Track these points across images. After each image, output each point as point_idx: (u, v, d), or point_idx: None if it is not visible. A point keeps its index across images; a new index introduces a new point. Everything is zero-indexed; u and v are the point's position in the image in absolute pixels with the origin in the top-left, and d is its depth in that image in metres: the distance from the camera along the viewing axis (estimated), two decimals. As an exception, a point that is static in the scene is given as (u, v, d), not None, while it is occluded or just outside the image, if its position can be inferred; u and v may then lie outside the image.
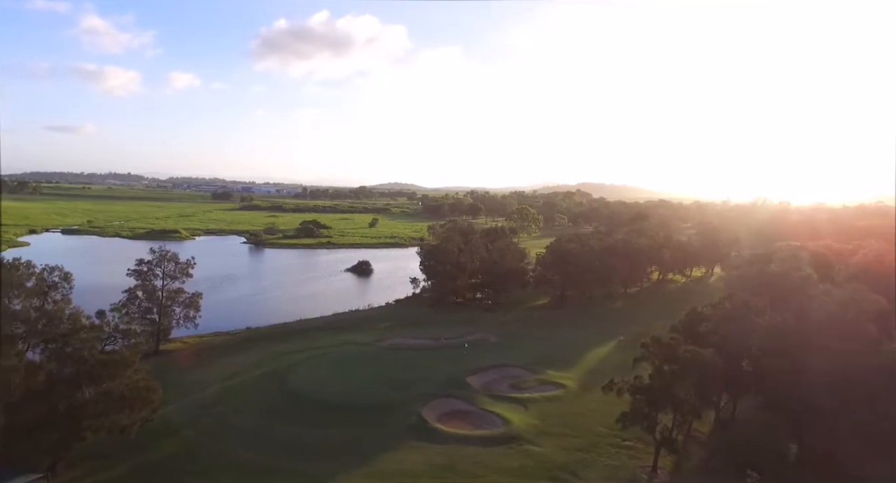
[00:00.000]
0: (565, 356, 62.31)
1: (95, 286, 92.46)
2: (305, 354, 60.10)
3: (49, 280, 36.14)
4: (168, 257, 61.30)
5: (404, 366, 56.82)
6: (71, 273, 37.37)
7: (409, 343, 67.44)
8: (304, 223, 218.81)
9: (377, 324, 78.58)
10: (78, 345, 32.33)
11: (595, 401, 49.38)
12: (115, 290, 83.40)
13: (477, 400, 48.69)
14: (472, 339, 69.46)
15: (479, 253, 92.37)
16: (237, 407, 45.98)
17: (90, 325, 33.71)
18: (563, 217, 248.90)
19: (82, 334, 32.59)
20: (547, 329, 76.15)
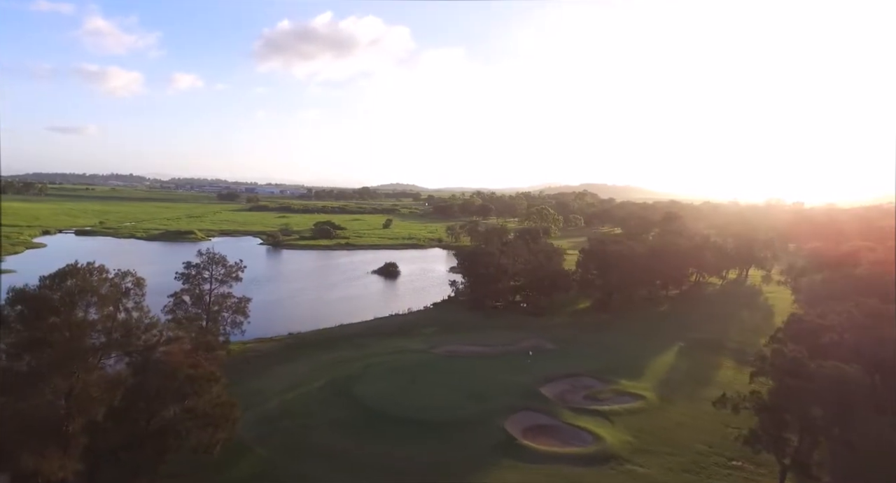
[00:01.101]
0: (630, 364, 59.35)
1: None
2: (362, 363, 57.15)
3: (122, 286, 33.11)
4: (216, 260, 58.38)
5: (470, 375, 53.88)
6: (144, 279, 34.43)
7: (465, 350, 64.52)
8: (319, 224, 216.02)
9: (422, 329, 75.70)
10: (163, 358, 29.40)
11: (680, 413, 46.57)
12: (152, 295, 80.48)
13: (557, 413, 45.77)
14: (529, 346, 66.55)
15: (522, 255, 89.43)
16: (305, 422, 43.04)
17: (175, 336, 30.82)
18: (578, 218, 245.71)
19: (167, 346, 29.66)
20: (600, 335, 73.19)
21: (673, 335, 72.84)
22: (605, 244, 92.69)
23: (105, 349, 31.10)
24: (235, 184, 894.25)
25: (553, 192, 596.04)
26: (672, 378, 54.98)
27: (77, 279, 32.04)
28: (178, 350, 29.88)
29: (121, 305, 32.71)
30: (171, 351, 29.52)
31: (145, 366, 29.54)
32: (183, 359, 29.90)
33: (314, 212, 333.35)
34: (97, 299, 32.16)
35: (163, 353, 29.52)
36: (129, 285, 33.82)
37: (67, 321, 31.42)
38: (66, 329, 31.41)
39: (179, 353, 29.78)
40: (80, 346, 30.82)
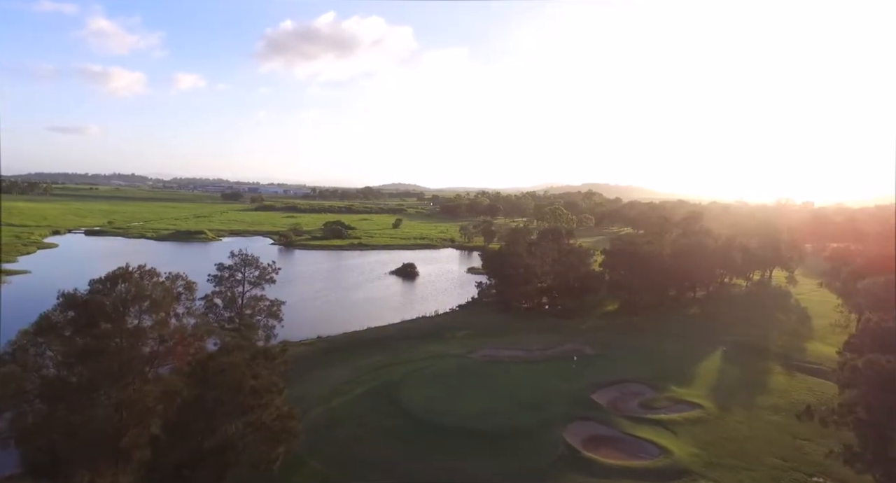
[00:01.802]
0: (677, 369, 57.34)
1: None
2: (401, 369, 55.25)
3: (174, 290, 31.22)
4: (249, 261, 56.49)
5: (516, 382, 51.96)
6: (195, 283, 32.54)
7: (504, 355, 62.60)
8: (329, 224, 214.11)
9: (454, 332, 73.76)
10: (226, 368, 27.48)
11: (743, 424, 44.52)
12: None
13: (615, 422, 43.81)
14: (568, 351, 64.59)
15: (551, 255, 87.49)
16: (356, 432, 41.11)
17: (235, 344, 28.89)
18: (589, 217, 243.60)
19: (229, 356, 27.74)
20: (637, 338, 71.16)
21: (711, 338, 70.84)
22: (635, 244, 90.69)
23: (161, 358, 29.19)
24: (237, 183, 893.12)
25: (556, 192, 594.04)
26: (724, 385, 52.94)
27: (129, 283, 30.06)
28: (241, 360, 27.96)
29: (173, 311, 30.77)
30: (234, 361, 27.61)
31: (206, 377, 27.61)
32: (245, 369, 27.97)
33: (321, 212, 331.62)
34: (149, 304, 30.24)
35: (225, 363, 27.59)
36: (179, 289, 31.91)
37: (121, 328, 29.52)
38: (120, 336, 29.52)
39: (242, 363, 27.87)
40: (135, 355, 28.94)
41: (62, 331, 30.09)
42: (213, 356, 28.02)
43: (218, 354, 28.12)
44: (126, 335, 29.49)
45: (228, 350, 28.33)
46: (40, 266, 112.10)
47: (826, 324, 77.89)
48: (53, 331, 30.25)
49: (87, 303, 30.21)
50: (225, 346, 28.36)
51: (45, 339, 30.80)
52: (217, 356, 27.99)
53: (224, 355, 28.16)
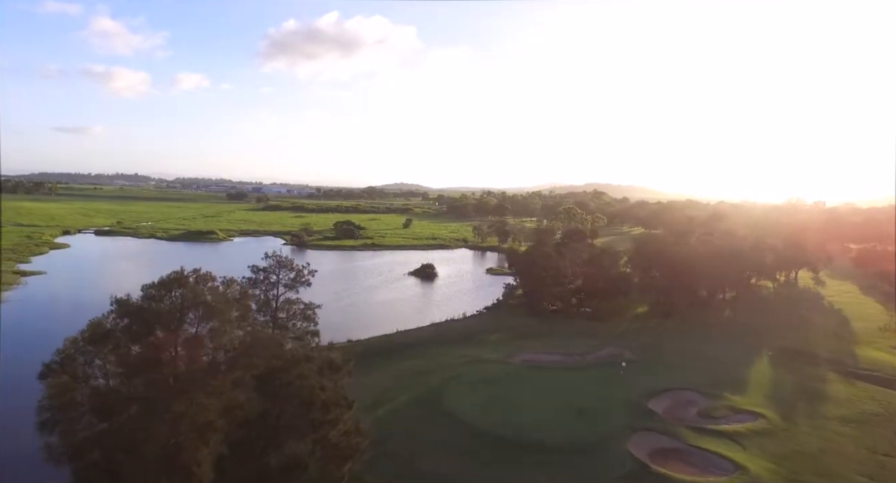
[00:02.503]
0: (727, 375, 55.24)
1: None
2: (442, 375, 53.22)
3: (230, 296, 29.19)
4: (284, 263, 54.39)
5: (565, 389, 49.91)
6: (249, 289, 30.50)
7: (545, 360, 60.57)
8: (339, 224, 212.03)
9: (487, 336, 71.81)
10: (296, 381, 25.47)
11: (813, 436, 42.36)
12: None
13: (678, 433, 41.73)
14: (608, 355, 62.63)
15: (581, 256, 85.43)
16: (409, 446, 39.03)
17: (305, 355, 26.85)
18: (601, 217, 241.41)
19: (301, 367, 25.71)
20: (677, 342, 69.05)
21: (753, 342, 68.80)
22: (665, 245, 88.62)
23: (226, 370, 27.16)
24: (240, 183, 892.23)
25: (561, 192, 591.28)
26: (781, 393, 50.82)
27: (185, 289, 28.05)
28: (311, 372, 25.95)
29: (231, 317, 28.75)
30: (304, 373, 25.60)
31: (273, 390, 25.59)
32: (316, 382, 25.95)
33: (328, 211, 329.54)
34: (207, 311, 28.23)
35: (294, 375, 25.56)
36: (235, 295, 29.89)
37: (178, 337, 27.52)
38: (178, 346, 27.52)
39: (312, 375, 25.85)
40: (195, 366, 26.92)
41: (116, 339, 28.07)
42: (281, 368, 26.00)
43: (286, 366, 26.10)
44: (184, 344, 27.48)
45: (297, 361, 26.30)
46: (55, 267, 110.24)
47: (870, 327, 75.74)
48: (107, 339, 28.23)
49: (143, 310, 28.20)
50: (294, 357, 26.35)
51: (96, 348, 28.80)
52: (285, 368, 25.96)
53: (292, 367, 26.13)
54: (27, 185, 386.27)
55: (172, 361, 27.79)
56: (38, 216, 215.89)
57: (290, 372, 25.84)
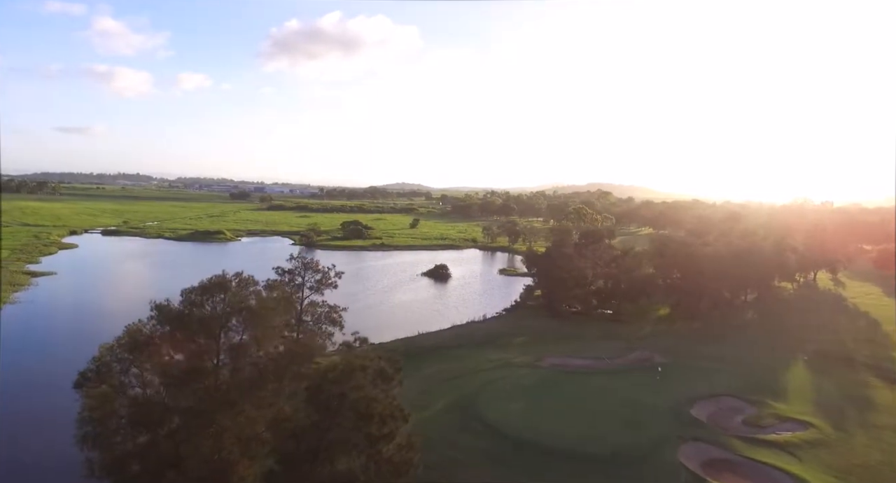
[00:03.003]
0: (764, 381, 53.61)
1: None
2: (474, 380, 51.69)
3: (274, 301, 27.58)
4: (309, 265, 52.92)
5: (602, 395, 48.30)
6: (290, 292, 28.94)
7: (574, 364, 58.96)
8: (346, 224, 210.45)
9: (511, 339, 70.21)
10: (350, 392, 23.89)
11: (870, 447, 40.67)
12: None
13: (728, 443, 40.10)
14: (638, 359, 61.10)
15: (603, 258, 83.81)
16: (452, 456, 37.38)
17: (360, 364, 25.22)
18: (610, 217, 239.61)
19: (356, 377, 24.13)
20: (706, 345, 67.44)
21: (784, 345, 67.18)
22: (689, 246, 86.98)
23: (273, 380, 25.58)
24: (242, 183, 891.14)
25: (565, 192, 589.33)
26: (826, 400, 49.13)
27: (228, 294, 26.48)
28: (367, 383, 24.38)
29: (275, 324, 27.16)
30: (360, 384, 24.03)
31: (326, 402, 24.01)
32: (371, 393, 24.37)
33: (333, 211, 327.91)
34: (251, 317, 26.66)
35: (349, 386, 23.98)
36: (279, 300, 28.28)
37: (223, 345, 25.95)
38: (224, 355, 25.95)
39: (369, 386, 24.28)
40: (243, 377, 25.34)
41: (156, 347, 26.51)
42: (334, 379, 24.42)
43: (339, 376, 24.52)
44: (228, 352, 25.92)
45: (351, 370, 24.72)
46: (65, 267, 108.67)
47: (903, 331, 74.07)
48: (146, 347, 26.67)
49: (184, 316, 26.64)
50: (349, 366, 24.77)
51: (134, 356, 27.25)
52: (339, 379, 24.38)
53: (346, 377, 24.54)
54: (30, 185, 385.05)
55: (216, 370, 26.23)
56: (44, 216, 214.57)
57: (345, 382, 24.25)
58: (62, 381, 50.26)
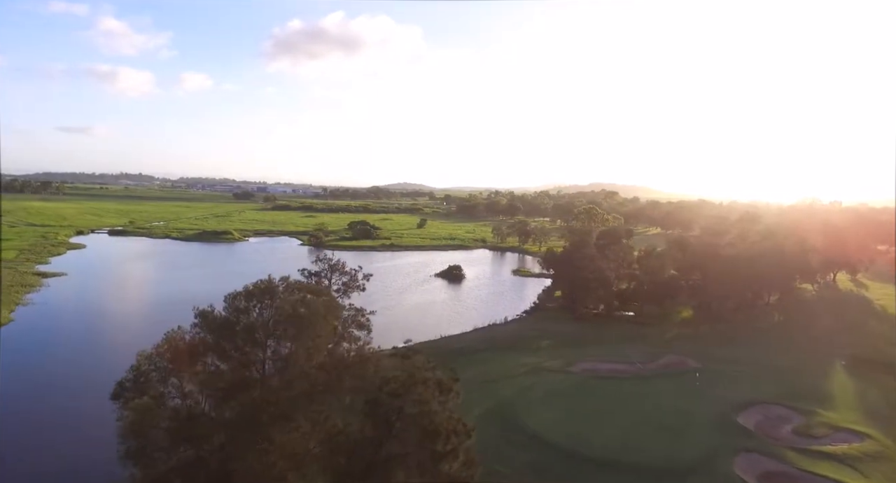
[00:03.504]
0: (806, 387, 51.83)
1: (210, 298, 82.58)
2: (508, 386, 50.01)
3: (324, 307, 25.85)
4: (336, 267, 51.23)
5: (641, 402, 46.59)
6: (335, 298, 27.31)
7: (605, 368, 57.25)
8: (354, 224, 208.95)
9: (537, 342, 68.43)
10: (411, 406, 22.20)
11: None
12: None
13: (783, 455, 38.35)
14: (668, 363, 59.39)
15: (625, 259, 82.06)
16: (499, 470, 35.57)
17: (422, 377, 23.44)
18: (619, 218, 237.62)
19: (419, 390, 22.40)
20: (738, 349, 65.72)
21: (817, 349, 65.49)
22: (711, 246, 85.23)
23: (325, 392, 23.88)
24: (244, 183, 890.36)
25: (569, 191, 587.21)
26: (875, 408, 47.33)
27: (274, 299, 24.79)
28: (431, 396, 22.67)
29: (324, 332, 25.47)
30: (425, 398, 22.34)
31: (385, 417, 22.30)
32: (434, 408, 22.66)
33: (338, 211, 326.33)
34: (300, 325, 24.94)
35: (414, 401, 22.26)
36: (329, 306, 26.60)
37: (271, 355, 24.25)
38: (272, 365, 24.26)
39: (433, 400, 22.58)
40: (294, 389, 23.63)
41: (200, 356, 24.83)
42: (394, 392, 22.71)
43: (399, 389, 22.80)
44: (278, 362, 24.21)
45: (414, 383, 22.99)
46: (75, 268, 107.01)
47: (938, 334, 72.22)
48: (189, 357, 24.98)
49: (229, 323, 24.94)
50: (411, 378, 23.05)
51: (174, 366, 25.56)
52: (399, 392, 22.66)
53: (408, 390, 22.82)
54: (34, 185, 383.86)
55: (264, 382, 24.52)
56: (49, 216, 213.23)
57: (406, 396, 22.54)
58: (84, 386, 48.92)
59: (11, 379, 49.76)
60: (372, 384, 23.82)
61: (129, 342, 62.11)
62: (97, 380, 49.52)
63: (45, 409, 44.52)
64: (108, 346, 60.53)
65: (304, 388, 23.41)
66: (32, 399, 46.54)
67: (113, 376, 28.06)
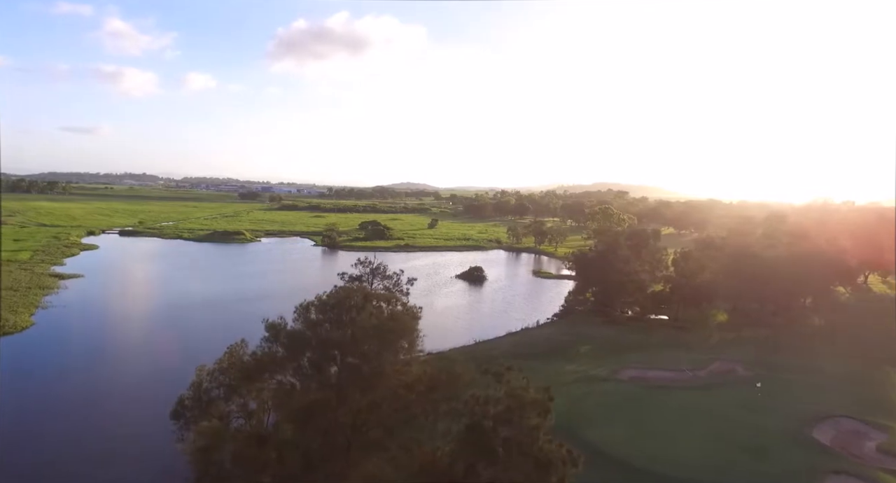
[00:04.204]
0: (873, 398, 49.14)
1: (231, 300, 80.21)
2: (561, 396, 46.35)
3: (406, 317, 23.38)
4: (379, 271, 48.74)
5: (704, 414, 43.89)
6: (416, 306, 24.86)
7: (654, 376, 54.63)
8: (366, 224, 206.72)
9: (575, 347, 65.97)
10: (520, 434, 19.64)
11: None
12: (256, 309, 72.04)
13: (876, 477, 35.63)
14: (718, 371, 56.73)
15: (663, 260, 79.37)
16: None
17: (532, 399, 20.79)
18: (633, 217, 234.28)
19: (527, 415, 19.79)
20: (784, 355, 62.94)
21: (872, 356, 62.55)
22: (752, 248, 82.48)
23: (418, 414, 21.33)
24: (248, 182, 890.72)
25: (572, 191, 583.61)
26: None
27: (358, 311, 22.24)
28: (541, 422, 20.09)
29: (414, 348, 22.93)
30: (535, 424, 19.77)
31: (490, 443, 19.73)
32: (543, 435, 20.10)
33: (346, 211, 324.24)
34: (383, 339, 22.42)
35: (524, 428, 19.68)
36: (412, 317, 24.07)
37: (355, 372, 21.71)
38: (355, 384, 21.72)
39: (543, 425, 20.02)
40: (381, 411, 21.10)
41: (272, 374, 22.32)
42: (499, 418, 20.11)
43: (506, 413, 20.20)
44: (360, 381, 21.66)
45: (521, 406, 20.36)
46: (91, 269, 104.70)
47: None
48: (256, 373, 22.48)
49: (304, 337, 22.41)
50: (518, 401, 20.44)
51: (238, 383, 23.07)
52: (506, 417, 20.08)
53: (516, 415, 20.21)
54: (41, 185, 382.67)
55: (345, 403, 21.99)
56: (59, 216, 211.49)
57: (515, 422, 19.97)
58: (127, 396, 46.19)
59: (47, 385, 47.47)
60: (467, 406, 21.28)
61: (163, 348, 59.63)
62: (135, 387, 47.21)
63: (95, 419, 41.73)
64: (141, 352, 58.16)
65: (394, 411, 20.89)
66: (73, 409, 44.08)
67: (151, 384, 25.68)
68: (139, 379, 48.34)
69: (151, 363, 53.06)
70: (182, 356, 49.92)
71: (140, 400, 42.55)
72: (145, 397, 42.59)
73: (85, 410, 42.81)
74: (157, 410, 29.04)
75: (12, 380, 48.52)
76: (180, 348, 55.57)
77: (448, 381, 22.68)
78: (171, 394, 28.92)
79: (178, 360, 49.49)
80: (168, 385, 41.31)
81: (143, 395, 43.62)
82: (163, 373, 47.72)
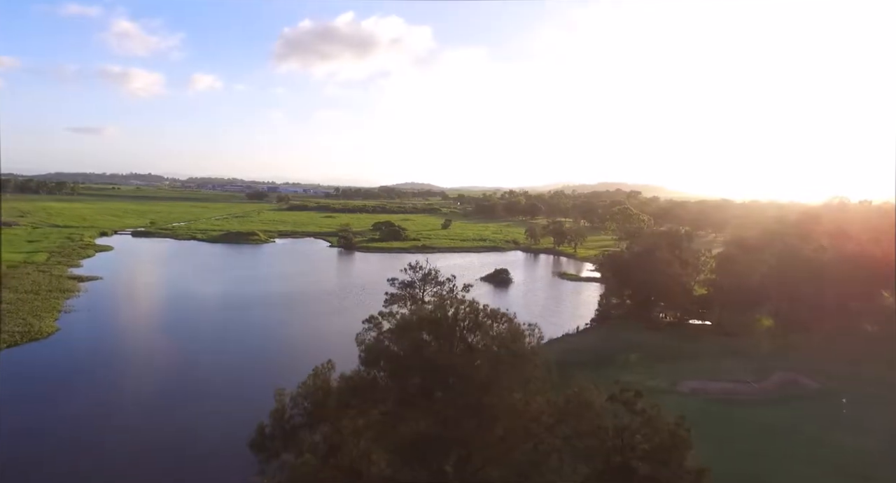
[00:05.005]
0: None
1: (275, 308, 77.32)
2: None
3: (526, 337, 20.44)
4: (430, 278, 45.85)
5: (789, 434, 40.77)
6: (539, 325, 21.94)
7: (715, 388, 51.53)
8: (379, 224, 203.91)
9: (622, 355, 62.94)
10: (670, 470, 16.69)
11: None
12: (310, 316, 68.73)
13: None
14: (782, 382, 53.58)
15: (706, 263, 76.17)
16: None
17: (670, 429, 17.99)
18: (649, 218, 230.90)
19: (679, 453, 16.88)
20: (852, 364, 59.71)
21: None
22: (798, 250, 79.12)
23: (551, 452, 18.34)
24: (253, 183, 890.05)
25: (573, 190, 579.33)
26: None
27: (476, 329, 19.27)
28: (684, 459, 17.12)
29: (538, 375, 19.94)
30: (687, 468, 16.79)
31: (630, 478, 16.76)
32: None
33: (355, 211, 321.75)
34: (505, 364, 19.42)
35: (673, 467, 16.74)
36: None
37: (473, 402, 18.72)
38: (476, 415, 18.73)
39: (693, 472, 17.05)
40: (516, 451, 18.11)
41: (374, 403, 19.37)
42: (649, 456, 17.19)
43: (653, 452, 17.26)
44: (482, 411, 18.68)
45: (665, 442, 17.39)
46: (109, 271, 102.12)
47: None
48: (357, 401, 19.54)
49: (408, 359, 19.45)
50: (656, 433, 17.47)
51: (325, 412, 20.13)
52: (655, 456, 17.13)
53: (658, 451, 17.27)
54: (49, 186, 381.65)
55: (465, 438, 19.01)
56: (70, 217, 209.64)
57: (662, 459, 17.01)
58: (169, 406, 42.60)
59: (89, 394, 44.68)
60: (603, 442, 18.30)
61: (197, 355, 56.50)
62: (191, 403, 43.46)
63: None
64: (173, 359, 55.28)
65: (525, 449, 17.93)
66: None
67: (207, 399, 22.70)
68: (194, 394, 44.60)
69: (187, 369, 50.14)
70: (235, 369, 47.07)
71: (202, 417, 39.10)
72: (206, 413, 39.44)
73: (141, 421, 40.01)
74: (226, 429, 26.21)
75: (50, 390, 45.85)
76: (214, 352, 52.77)
77: (577, 411, 19.69)
78: (235, 411, 25.77)
79: (234, 372, 46.69)
80: (229, 402, 38.47)
81: (203, 411, 40.18)
82: (219, 388, 44.62)
